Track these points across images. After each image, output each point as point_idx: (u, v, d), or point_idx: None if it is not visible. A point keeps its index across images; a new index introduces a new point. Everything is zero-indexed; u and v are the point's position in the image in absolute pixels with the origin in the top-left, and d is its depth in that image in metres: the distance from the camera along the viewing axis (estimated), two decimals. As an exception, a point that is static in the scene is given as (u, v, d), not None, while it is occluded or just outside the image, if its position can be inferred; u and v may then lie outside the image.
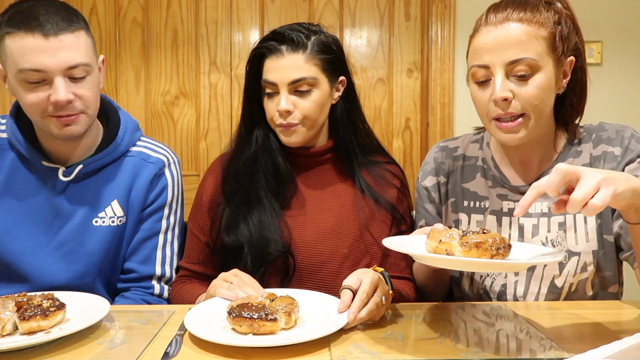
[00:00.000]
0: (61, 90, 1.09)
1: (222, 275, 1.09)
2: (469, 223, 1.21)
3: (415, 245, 0.96)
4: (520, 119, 1.05)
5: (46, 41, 1.07)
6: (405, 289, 1.22)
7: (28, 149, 1.20)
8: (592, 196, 0.78)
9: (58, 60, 1.08)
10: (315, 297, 1.04)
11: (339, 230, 1.23)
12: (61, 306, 0.90)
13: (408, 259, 1.27)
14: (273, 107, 1.20)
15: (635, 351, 0.75)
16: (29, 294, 0.94)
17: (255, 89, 1.23)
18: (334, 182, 1.28)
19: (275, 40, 1.17)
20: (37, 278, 1.19)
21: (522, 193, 1.16)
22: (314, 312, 0.97)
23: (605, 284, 1.13)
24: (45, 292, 0.96)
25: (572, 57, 1.07)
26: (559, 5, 1.07)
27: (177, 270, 1.31)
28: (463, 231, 0.90)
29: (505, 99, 1.02)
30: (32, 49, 1.07)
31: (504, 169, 1.20)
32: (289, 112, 1.17)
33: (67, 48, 1.09)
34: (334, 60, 1.22)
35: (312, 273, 1.21)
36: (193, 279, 1.28)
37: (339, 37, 2.39)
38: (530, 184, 1.15)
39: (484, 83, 1.06)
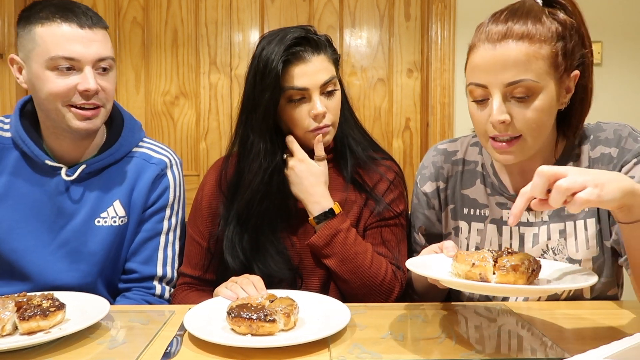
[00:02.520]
0: (91, 79, 1.14)
1: (232, 278, 1.10)
2: (469, 232, 1.19)
3: (436, 267, 0.95)
4: (515, 140, 1.02)
5: (82, 31, 1.13)
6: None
7: (32, 147, 1.20)
8: (579, 191, 0.78)
9: (91, 50, 1.14)
10: (316, 298, 1.04)
11: None
12: (61, 306, 0.90)
13: (387, 245, 1.24)
14: (304, 113, 1.17)
15: (635, 351, 0.75)
16: (28, 294, 0.94)
17: (270, 101, 1.16)
18: (333, 181, 1.27)
19: (298, 46, 1.15)
20: (40, 277, 1.19)
21: None
22: (314, 313, 0.97)
23: (603, 288, 1.12)
24: (45, 292, 0.96)
25: (576, 72, 1.03)
26: (562, 15, 1.01)
27: (177, 276, 1.31)
28: (490, 251, 0.89)
29: (503, 122, 0.99)
30: (67, 37, 1.12)
31: (502, 177, 1.17)
32: (324, 115, 1.18)
33: (99, 41, 1.16)
34: (338, 57, 1.24)
35: (312, 274, 1.22)
36: (195, 286, 1.27)
37: (339, 37, 2.39)
38: None
39: (481, 102, 1.03)
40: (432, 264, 0.96)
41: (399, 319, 0.99)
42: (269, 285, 1.08)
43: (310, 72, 1.15)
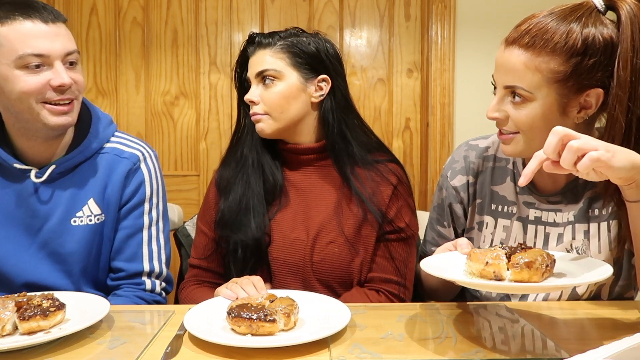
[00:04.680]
0: (63, 73, 1.11)
1: (233, 279, 1.12)
2: (495, 227, 1.19)
3: (451, 266, 0.94)
4: (510, 135, 1.05)
5: (46, 26, 1.10)
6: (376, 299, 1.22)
7: (0, 151, 1.17)
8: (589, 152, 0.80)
9: (58, 45, 1.11)
10: (316, 298, 1.04)
11: (325, 232, 1.23)
12: (61, 306, 0.90)
13: (396, 262, 1.24)
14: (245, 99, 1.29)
15: (635, 351, 0.75)
16: (28, 294, 0.94)
17: (243, 88, 1.32)
18: (323, 183, 1.28)
19: (253, 43, 1.28)
20: (23, 280, 1.18)
21: (551, 202, 1.14)
22: (314, 313, 0.97)
23: (621, 290, 1.13)
24: (45, 292, 0.96)
25: (598, 90, 0.99)
26: (604, 29, 0.96)
27: (168, 266, 1.31)
28: (502, 247, 0.89)
29: (497, 119, 1.04)
30: (33, 34, 1.08)
31: (534, 176, 1.17)
32: (253, 102, 1.26)
33: (63, 36, 1.13)
34: (306, 57, 1.25)
35: (295, 272, 1.21)
36: (203, 279, 1.29)
37: (338, 37, 2.39)
38: (559, 193, 1.13)
39: (495, 94, 1.07)
40: (446, 264, 0.96)
41: (399, 319, 0.99)
42: (244, 252, 1.18)
43: (251, 63, 1.28)
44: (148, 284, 1.26)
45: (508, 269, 0.86)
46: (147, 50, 2.39)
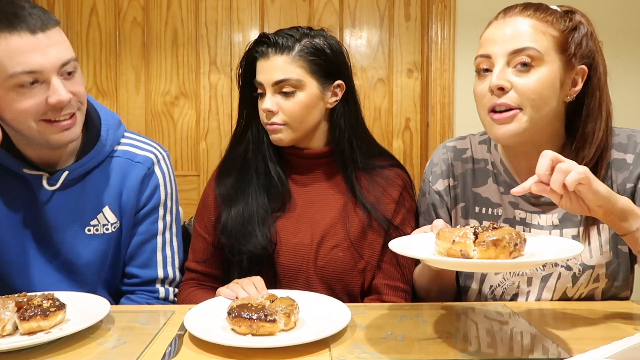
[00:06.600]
0: (61, 89, 1.01)
1: (235, 280, 1.11)
2: None
3: (422, 246, 0.91)
4: (514, 112, 1.02)
5: (34, 38, 0.98)
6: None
7: (6, 157, 1.11)
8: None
9: (52, 57, 0.99)
10: (317, 298, 1.04)
11: (330, 236, 1.22)
12: (61, 306, 0.90)
13: (402, 269, 1.24)
14: (261, 107, 1.22)
15: (635, 351, 0.75)
16: (29, 294, 0.94)
17: (249, 90, 1.26)
18: (328, 188, 1.27)
19: (264, 44, 1.20)
20: (37, 289, 1.13)
21: (533, 204, 1.14)
22: (314, 313, 0.97)
23: (616, 291, 1.12)
24: (46, 292, 0.95)
25: (584, 67, 1.04)
26: (578, 17, 1.06)
27: (182, 271, 1.29)
28: (473, 227, 0.87)
29: (502, 88, 1.01)
30: (21, 49, 0.97)
31: (514, 176, 1.16)
32: (271, 112, 1.19)
33: (55, 44, 1.01)
34: (324, 63, 1.21)
35: (298, 277, 1.20)
36: (201, 282, 1.27)
37: (338, 37, 2.39)
38: (539, 195, 1.11)
39: (484, 74, 1.05)
40: (417, 244, 0.93)
41: (399, 319, 0.99)
42: (250, 262, 1.15)
43: (266, 68, 1.19)
44: (162, 292, 1.24)
45: (475, 248, 0.84)
46: (147, 50, 2.39)
